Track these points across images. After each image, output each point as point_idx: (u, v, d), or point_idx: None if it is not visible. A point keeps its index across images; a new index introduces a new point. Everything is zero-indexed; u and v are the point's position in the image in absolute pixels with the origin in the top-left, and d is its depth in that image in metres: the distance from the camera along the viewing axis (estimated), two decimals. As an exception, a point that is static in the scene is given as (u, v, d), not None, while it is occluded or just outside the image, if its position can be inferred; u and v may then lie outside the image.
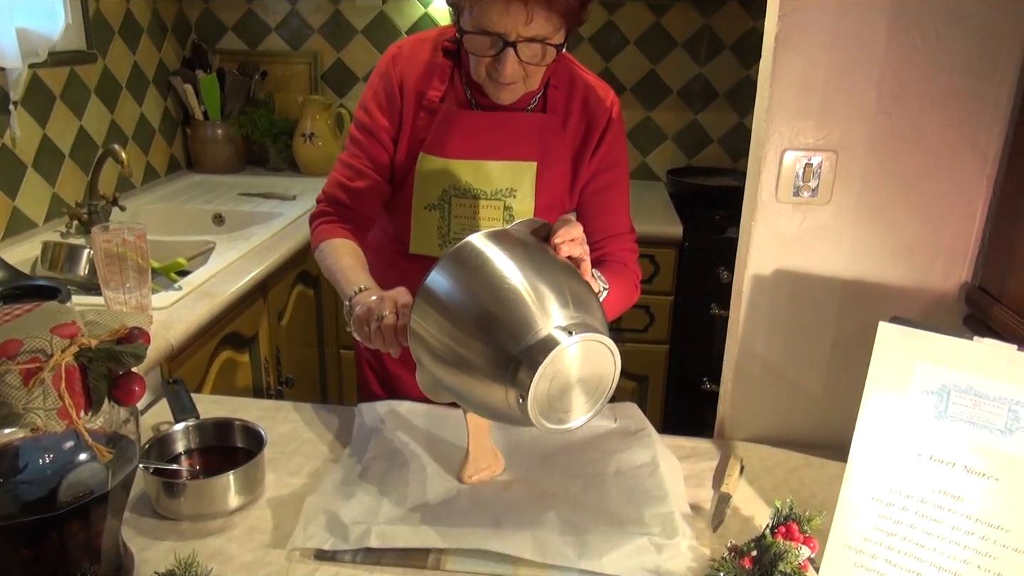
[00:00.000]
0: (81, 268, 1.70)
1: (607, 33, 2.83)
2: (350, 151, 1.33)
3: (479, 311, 0.88)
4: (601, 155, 1.31)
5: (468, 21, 1.14)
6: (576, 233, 0.97)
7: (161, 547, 0.95)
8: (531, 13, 1.09)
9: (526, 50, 1.13)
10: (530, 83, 1.21)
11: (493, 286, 0.88)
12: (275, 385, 2.04)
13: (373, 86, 1.31)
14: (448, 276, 0.91)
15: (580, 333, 0.83)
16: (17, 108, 1.90)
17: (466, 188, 1.28)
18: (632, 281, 1.33)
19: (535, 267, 0.89)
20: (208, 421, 1.13)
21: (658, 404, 2.57)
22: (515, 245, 0.93)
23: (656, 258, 2.41)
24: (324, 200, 1.34)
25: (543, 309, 0.85)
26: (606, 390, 0.89)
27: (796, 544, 0.87)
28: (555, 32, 1.13)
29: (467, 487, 1.07)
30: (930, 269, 1.18)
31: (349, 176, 1.31)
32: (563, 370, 0.84)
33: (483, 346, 0.86)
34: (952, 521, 0.85)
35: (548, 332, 0.83)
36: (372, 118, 1.30)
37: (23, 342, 0.72)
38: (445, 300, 0.90)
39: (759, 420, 1.28)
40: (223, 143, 2.80)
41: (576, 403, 0.87)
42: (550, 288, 0.87)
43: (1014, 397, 0.82)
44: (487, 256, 0.90)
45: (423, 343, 0.93)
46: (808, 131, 1.14)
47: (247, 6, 2.86)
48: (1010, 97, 1.09)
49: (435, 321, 0.91)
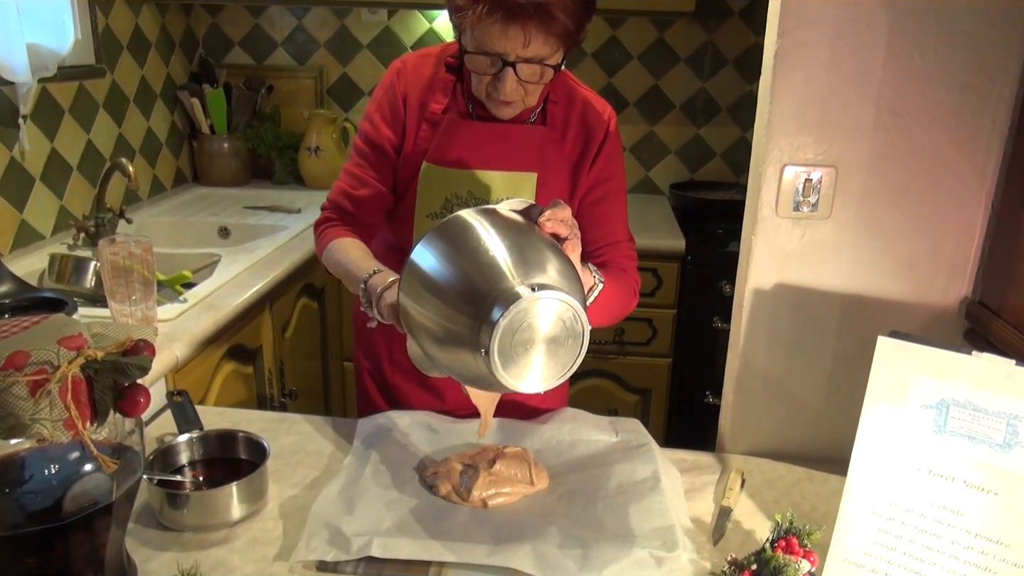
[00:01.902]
0: (88, 280, 1.72)
1: (610, 48, 2.85)
2: (354, 161, 1.35)
3: (456, 279, 0.89)
4: (599, 167, 1.33)
5: (469, 41, 1.17)
6: (563, 214, 0.98)
7: (164, 558, 0.95)
8: (528, 36, 1.12)
9: (525, 69, 1.16)
10: (529, 100, 1.24)
11: (470, 255, 0.90)
12: (279, 397, 2.04)
13: (377, 99, 1.34)
14: (431, 248, 0.93)
15: (546, 291, 0.84)
16: (26, 122, 1.92)
17: (468, 197, 1.30)
18: (631, 287, 1.34)
19: (515, 239, 0.91)
20: (212, 433, 1.13)
21: (660, 418, 2.57)
22: (499, 219, 0.94)
23: (659, 271, 2.42)
24: (329, 208, 1.36)
25: (512, 271, 0.87)
26: (575, 354, 0.89)
27: (796, 558, 0.87)
28: (553, 53, 1.16)
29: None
30: (930, 284, 1.18)
31: (353, 185, 1.33)
32: (528, 326, 0.84)
33: (458, 312, 0.87)
34: (952, 536, 0.85)
35: (515, 289, 0.84)
36: (376, 129, 1.32)
37: (30, 354, 0.73)
38: (427, 271, 0.92)
39: (760, 434, 1.28)
40: (229, 157, 2.83)
41: (546, 364, 0.87)
42: (527, 258, 0.89)
43: (1013, 412, 0.82)
44: (470, 229, 0.92)
45: (408, 315, 0.95)
46: (808, 146, 1.15)
47: (254, 21, 2.89)
48: (1008, 113, 1.10)
49: (418, 292, 0.93)
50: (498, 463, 1.10)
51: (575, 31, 1.16)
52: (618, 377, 2.52)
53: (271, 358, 1.99)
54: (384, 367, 1.45)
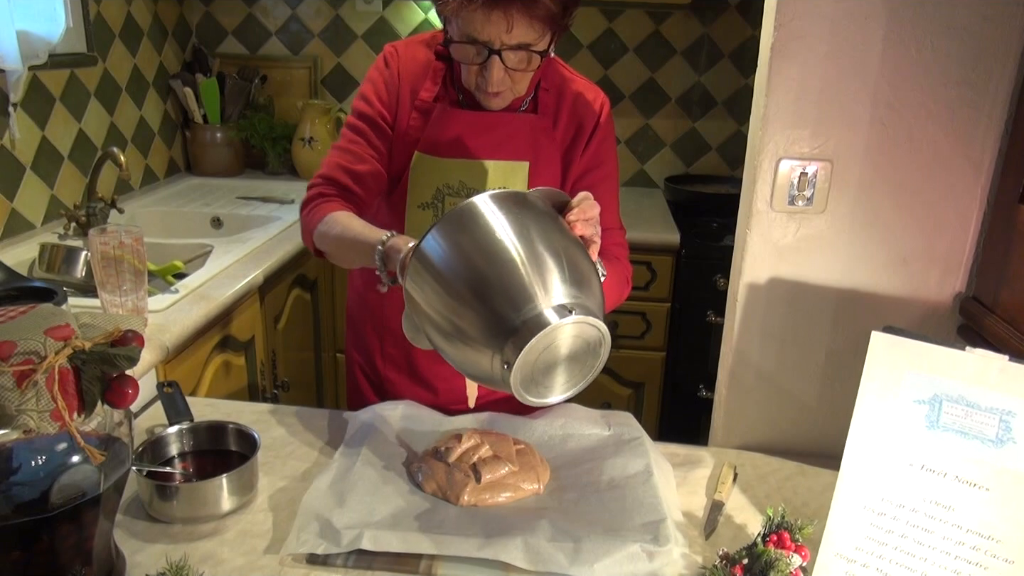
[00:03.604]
0: (78, 270, 1.70)
1: (606, 41, 2.84)
2: (348, 138, 1.30)
3: (480, 284, 0.86)
4: (591, 153, 1.32)
5: (454, 31, 1.16)
6: (593, 212, 0.97)
7: (153, 550, 0.95)
8: (511, 21, 1.10)
9: (511, 57, 1.15)
10: (518, 89, 1.23)
11: (496, 257, 0.87)
12: (271, 389, 2.04)
13: (372, 79, 1.31)
14: (451, 238, 0.90)
15: (577, 315, 0.83)
16: (17, 110, 1.90)
17: (459, 187, 1.29)
18: (624, 275, 1.34)
19: (543, 237, 0.89)
20: (202, 424, 1.13)
21: (654, 411, 2.57)
22: (526, 210, 0.91)
23: (653, 265, 2.42)
24: (322, 183, 1.28)
25: (543, 283, 0.85)
26: (590, 372, 0.89)
27: (788, 552, 0.87)
28: (539, 39, 1.15)
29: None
30: (924, 279, 1.18)
31: (350, 160, 1.28)
32: (553, 348, 0.84)
33: (477, 311, 0.86)
34: (943, 531, 0.85)
35: (545, 309, 0.83)
36: (372, 107, 1.29)
37: (17, 344, 0.73)
38: (445, 263, 0.89)
39: (753, 428, 1.28)
40: (222, 147, 2.81)
41: (559, 380, 0.88)
42: (555, 261, 0.87)
43: (1006, 407, 0.82)
44: (493, 219, 0.89)
45: (414, 302, 0.93)
46: (803, 140, 1.14)
47: (248, 10, 2.87)
48: (1004, 108, 1.10)
49: (431, 285, 0.90)
50: (496, 469, 1.08)
51: (560, 14, 1.14)
52: (611, 370, 2.52)
53: (263, 349, 1.98)
54: (376, 360, 1.44)
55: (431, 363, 1.38)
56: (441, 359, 1.38)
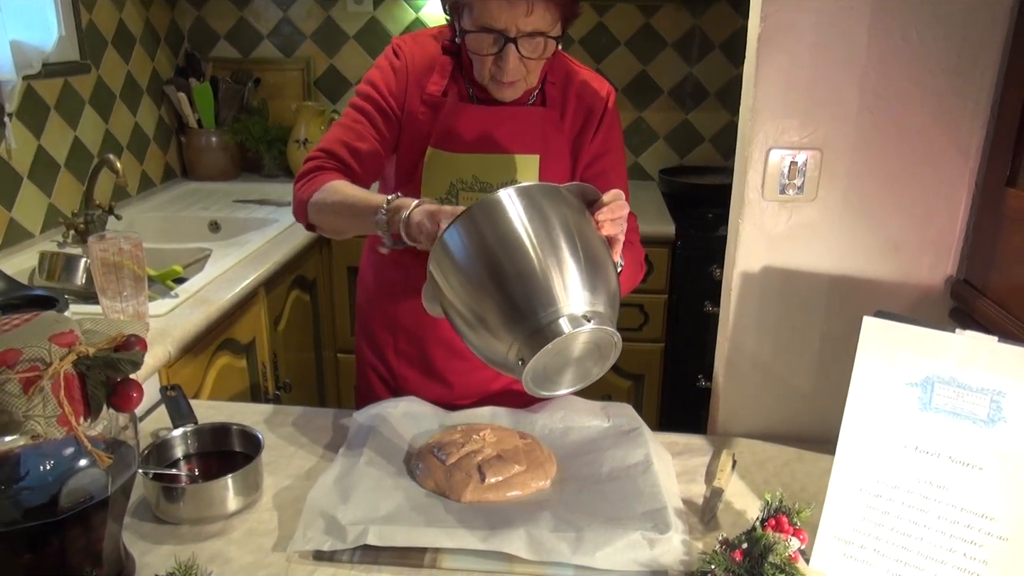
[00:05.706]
0: (78, 277, 1.71)
1: (597, 34, 2.85)
2: (352, 117, 1.30)
3: (504, 278, 0.89)
4: (599, 142, 1.34)
5: (469, 20, 1.17)
6: (622, 213, 0.99)
7: (161, 551, 0.96)
8: (532, 5, 1.13)
9: (527, 45, 1.17)
10: (530, 79, 1.25)
11: (523, 248, 0.90)
12: (273, 390, 2.05)
13: (381, 67, 1.31)
14: (478, 228, 0.92)
15: (594, 324, 0.87)
16: (12, 120, 1.91)
17: (473, 182, 1.30)
18: (638, 260, 1.36)
19: (571, 239, 0.91)
20: (206, 426, 1.14)
21: (654, 402, 2.59)
22: (558, 207, 0.94)
23: (650, 257, 2.42)
24: (321, 157, 1.28)
25: (566, 286, 0.88)
26: (599, 371, 0.95)
27: (786, 536, 0.89)
28: (553, 25, 1.18)
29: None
30: (916, 264, 1.19)
31: (352, 137, 1.28)
32: (567, 351, 0.90)
33: (500, 305, 0.89)
34: (938, 511, 0.86)
35: (565, 315, 0.87)
36: (378, 90, 1.29)
37: (22, 351, 0.74)
38: (471, 254, 0.91)
39: (751, 416, 1.29)
40: (218, 151, 2.82)
41: (568, 377, 0.94)
42: (579, 266, 0.90)
43: (996, 388, 0.83)
44: (525, 213, 0.91)
45: (436, 285, 0.96)
46: (793, 129, 1.15)
47: (239, 14, 2.88)
48: (989, 94, 1.11)
49: (455, 274, 0.93)
50: (503, 471, 1.08)
51: (573, 1, 1.17)
52: (611, 363, 2.53)
53: (264, 351, 2.00)
54: (389, 358, 1.44)
55: (446, 358, 1.38)
56: (455, 354, 1.39)
